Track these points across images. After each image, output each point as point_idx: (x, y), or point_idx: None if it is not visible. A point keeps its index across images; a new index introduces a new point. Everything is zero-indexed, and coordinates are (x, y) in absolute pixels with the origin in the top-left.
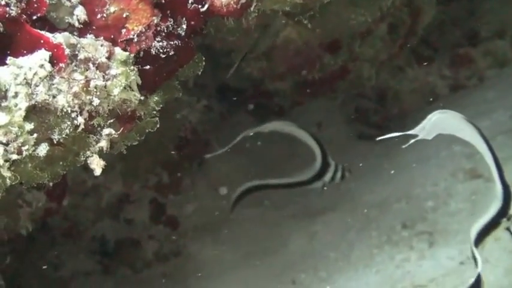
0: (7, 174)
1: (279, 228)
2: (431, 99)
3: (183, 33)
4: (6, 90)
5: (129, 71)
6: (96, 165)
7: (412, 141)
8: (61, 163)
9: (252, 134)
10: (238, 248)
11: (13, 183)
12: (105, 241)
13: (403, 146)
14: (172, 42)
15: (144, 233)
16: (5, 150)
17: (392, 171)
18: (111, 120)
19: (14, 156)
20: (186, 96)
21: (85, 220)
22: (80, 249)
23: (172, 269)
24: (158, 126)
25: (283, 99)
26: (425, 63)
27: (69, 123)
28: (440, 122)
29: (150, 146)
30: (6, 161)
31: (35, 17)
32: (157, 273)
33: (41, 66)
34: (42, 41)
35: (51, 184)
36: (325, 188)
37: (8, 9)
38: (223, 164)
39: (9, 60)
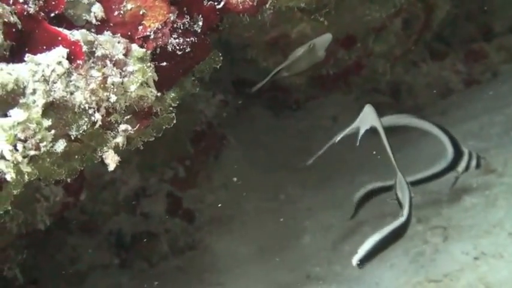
0: (26, 170)
1: (294, 222)
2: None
3: (199, 30)
4: (25, 87)
5: (145, 67)
6: (111, 160)
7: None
8: (78, 159)
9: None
10: (253, 241)
11: (31, 178)
12: (122, 235)
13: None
14: (188, 39)
15: (161, 227)
16: (24, 147)
17: (407, 165)
18: (128, 117)
19: (32, 152)
20: (202, 90)
21: (102, 214)
22: (97, 243)
23: (188, 262)
24: (175, 121)
25: (299, 93)
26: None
27: (86, 119)
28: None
29: (166, 140)
30: (24, 157)
31: (52, 15)
32: (173, 267)
33: (59, 63)
34: (59, 38)
35: (68, 180)
36: (458, 179)
37: (26, 6)
38: (238, 157)
39: (28, 57)
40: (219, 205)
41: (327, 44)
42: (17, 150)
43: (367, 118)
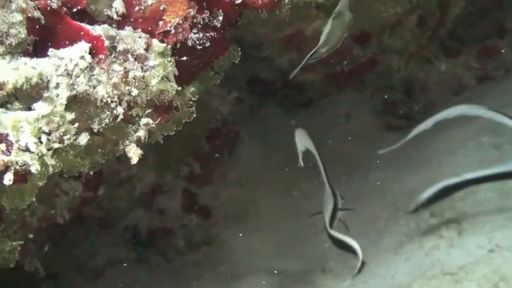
0: (51, 162)
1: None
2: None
3: (219, 25)
4: (48, 81)
5: (166, 62)
6: (133, 153)
7: None
8: (100, 152)
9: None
10: (268, 237)
11: (55, 171)
12: (139, 230)
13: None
14: (208, 34)
15: (177, 223)
16: (48, 139)
17: (420, 161)
18: (149, 111)
19: (56, 145)
20: (217, 88)
21: (119, 210)
22: (114, 239)
23: (204, 257)
24: (194, 115)
25: (313, 90)
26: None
27: (108, 113)
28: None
29: (182, 137)
30: (49, 149)
31: (75, 10)
32: (189, 261)
33: (82, 57)
34: (82, 33)
35: (91, 173)
36: None
37: (49, 1)
38: (252, 155)
39: (51, 51)
40: (234, 201)
41: (348, 4)
42: (41, 142)
43: (301, 141)
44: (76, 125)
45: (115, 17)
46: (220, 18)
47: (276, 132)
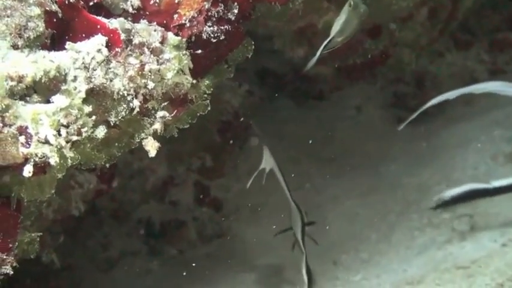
0: (69, 154)
1: (319, 210)
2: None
3: (233, 18)
4: (66, 74)
5: (181, 55)
6: (151, 146)
7: None
8: (117, 145)
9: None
10: (280, 229)
11: (74, 163)
12: (151, 222)
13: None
14: (222, 27)
15: (189, 215)
16: (66, 132)
17: (432, 154)
18: (165, 104)
19: (75, 138)
20: (229, 81)
21: (131, 202)
22: (127, 230)
23: (217, 250)
24: (209, 108)
25: (324, 83)
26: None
27: (125, 106)
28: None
29: (193, 130)
30: (67, 141)
31: (91, 3)
32: (202, 254)
33: (98, 50)
34: (98, 26)
35: (107, 165)
36: None
37: None
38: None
39: (68, 45)
40: (246, 193)
41: None
42: (60, 135)
43: (269, 161)
44: (93, 117)
45: (130, 10)
46: (235, 11)
47: (287, 124)
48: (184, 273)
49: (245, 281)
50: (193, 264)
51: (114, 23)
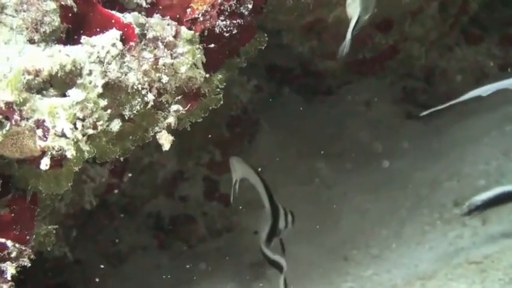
0: (85, 147)
1: (329, 206)
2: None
3: (246, 12)
4: (81, 68)
5: (195, 49)
6: (165, 140)
7: None
8: (131, 138)
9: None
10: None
11: (90, 156)
12: (161, 217)
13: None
14: (235, 21)
15: (198, 209)
16: (82, 125)
17: (442, 150)
18: (178, 97)
19: (90, 131)
20: (237, 75)
21: (141, 196)
22: (137, 225)
23: (226, 244)
24: (222, 102)
25: (332, 78)
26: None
27: (139, 99)
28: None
29: (202, 124)
30: (83, 135)
31: None
32: (211, 248)
33: (113, 45)
34: (113, 21)
35: (121, 159)
36: None
37: None
38: (272, 142)
39: (84, 39)
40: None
41: None
42: (76, 128)
43: (237, 170)
44: (108, 111)
45: (144, 4)
46: (249, 6)
47: (295, 119)
48: (194, 268)
49: (255, 275)
50: (204, 259)
51: (128, 18)
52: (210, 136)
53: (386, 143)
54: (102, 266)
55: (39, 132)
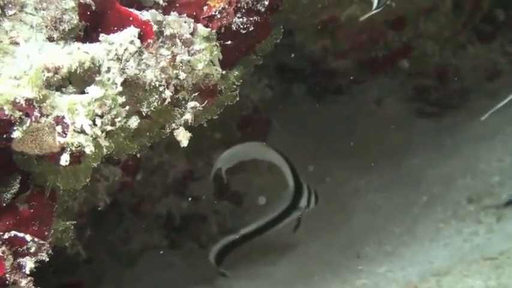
0: (104, 144)
1: (341, 204)
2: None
3: (262, 9)
4: (100, 66)
5: (212, 46)
6: (183, 137)
7: None
8: (148, 134)
9: None
10: (302, 223)
11: (108, 152)
12: (172, 216)
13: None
14: (252, 18)
15: (209, 209)
16: (101, 122)
17: (455, 147)
18: (195, 94)
19: (109, 128)
20: (248, 75)
21: (152, 196)
22: (148, 224)
23: None
24: (237, 99)
25: (344, 77)
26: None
27: (156, 96)
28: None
29: (213, 124)
30: (102, 131)
31: None
32: None
33: (131, 42)
34: (131, 18)
35: (138, 155)
36: None
37: None
38: (283, 142)
39: (102, 37)
40: (266, 187)
41: None
42: (95, 125)
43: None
44: (126, 108)
45: (161, 2)
46: (266, 2)
47: (306, 119)
48: (206, 267)
49: (270, 275)
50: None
51: (146, 15)
52: (220, 136)
53: (398, 141)
54: (113, 266)
55: (59, 128)
